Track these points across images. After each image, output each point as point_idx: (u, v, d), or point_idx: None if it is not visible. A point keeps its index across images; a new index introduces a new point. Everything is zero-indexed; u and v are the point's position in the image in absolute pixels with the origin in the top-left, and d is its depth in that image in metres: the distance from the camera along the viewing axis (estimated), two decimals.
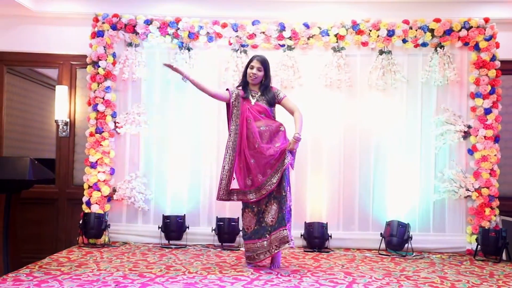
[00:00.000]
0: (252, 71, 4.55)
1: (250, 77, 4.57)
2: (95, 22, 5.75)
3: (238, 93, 4.62)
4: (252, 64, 4.56)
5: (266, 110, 4.56)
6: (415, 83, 5.77)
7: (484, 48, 5.54)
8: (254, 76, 4.55)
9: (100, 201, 5.58)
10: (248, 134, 4.49)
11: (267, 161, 4.42)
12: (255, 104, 4.55)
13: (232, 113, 4.59)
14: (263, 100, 4.58)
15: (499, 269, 4.70)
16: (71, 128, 6.14)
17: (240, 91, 4.63)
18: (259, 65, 4.54)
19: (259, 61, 4.55)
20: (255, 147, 4.45)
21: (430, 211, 5.69)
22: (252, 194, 4.48)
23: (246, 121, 4.50)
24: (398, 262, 4.92)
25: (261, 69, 4.55)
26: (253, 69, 4.55)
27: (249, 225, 4.54)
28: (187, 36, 5.73)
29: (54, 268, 4.25)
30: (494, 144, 5.53)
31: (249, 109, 4.52)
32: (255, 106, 4.55)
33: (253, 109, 4.53)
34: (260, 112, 4.55)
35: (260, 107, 4.55)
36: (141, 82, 5.84)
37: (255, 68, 4.54)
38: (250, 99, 4.58)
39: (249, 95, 4.59)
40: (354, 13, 5.81)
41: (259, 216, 4.48)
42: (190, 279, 3.97)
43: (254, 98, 4.58)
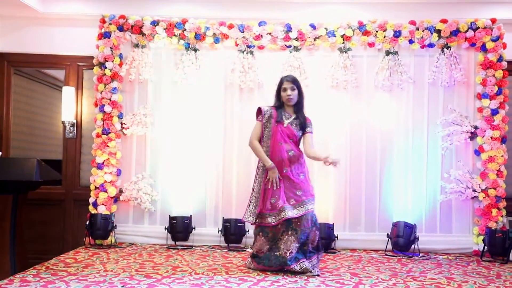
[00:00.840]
0: (287, 93, 4.44)
1: (287, 100, 4.46)
2: (101, 23, 5.77)
3: (271, 114, 4.49)
4: (284, 86, 4.46)
5: (295, 135, 4.46)
6: (421, 84, 5.75)
7: (491, 48, 5.52)
8: (290, 97, 4.44)
9: (106, 202, 5.59)
10: (279, 157, 4.38)
11: (293, 188, 4.35)
12: (287, 127, 4.44)
13: (264, 134, 4.49)
14: (296, 124, 4.47)
15: (506, 270, 4.68)
16: (77, 129, 6.16)
17: (273, 112, 4.49)
18: (291, 85, 4.44)
19: (290, 81, 4.46)
20: (283, 172, 4.37)
21: (436, 212, 5.67)
22: (272, 218, 4.33)
23: (277, 144, 4.40)
24: (404, 263, 4.91)
25: (294, 88, 4.45)
26: (286, 91, 4.45)
27: (260, 249, 4.41)
28: (194, 37, 5.74)
29: (61, 269, 4.26)
30: (501, 145, 5.51)
31: (281, 132, 4.42)
32: (286, 129, 4.43)
33: (284, 132, 4.43)
34: (290, 136, 4.44)
35: (290, 131, 4.44)
36: (148, 83, 5.86)
37: (289, 89, 4.44)
38: (284, 120, 4.46)
39: (282, 116, 4.47)
40: (360, 14, 5.80)
41: (272, 243, 4.36)
42: (196, 280, 3.98)
43: (288, 120, 4.47)
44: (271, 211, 4.34)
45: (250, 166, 5.75)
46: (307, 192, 4.36)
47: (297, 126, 4.47)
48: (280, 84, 4.51)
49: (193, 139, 5.84)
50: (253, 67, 5.76)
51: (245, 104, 5.83)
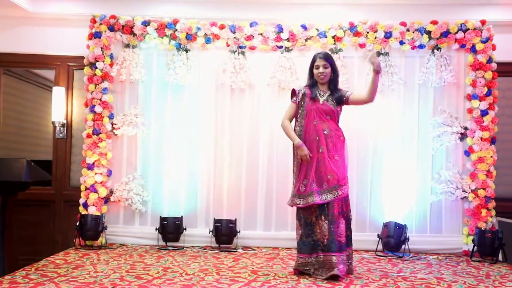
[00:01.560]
0: (319, 71, 4.30)
1: (319, 77, 4.31)
2: (92, 23, 5.75)
3: (304, 92, 4.36)
4: (317, 63, 4.31)
5: (333, 111, 4.30)
6: (412, 84, 5.78)
7: (481, 50, 5.56)
8: (323, 75, 4.29)
9: (97, 202, 5.57)
10: (313, 136, 4.24)
11: (326, 170, 4.19)
12: (323, 104, 4.29)
13: (298, 113, 4.36)
14: (332, 100, 4.32)
15: (495, 270, 4.71)
16: (68, 129, 6.13)
17: (307, 90, 4.36)
18: (324, 62, 4.29)
19: (323, 58, 4.30)
20: (319, 151, 4.22)
21: (427, 212, 5.69)
22: (300, 200, 4.24)
23: (312, 122, 4.26)
24: (395, 263, 4.93)
25: (327, 65, 4.29)
26: (319, 68, 4.30)
27: (297, 234, 4.32)
28: (185, 37, 5.73)
29: (51, 270, 4.24)
30: (491, 146, 5.54)
31: (316, 109, 4.28)
32: (322, 105, 4.29)
33: (320, 109, 4.28)
34: (327, 113, 4.28)
35: (327, 107, 4.29)
36: (139, 83, 5.84)
37: (321, 66, 4.29)
38: (319, 97, 4.32)
39: (317, 94, 4.33)
40: (351, 15, 5.82)
41: (307, 228, 4.22)
42: (187, 281, 3.97)
43: (323, 97, 4.33)
44: (301, 193, 4.23)
45: (241, 167, 5.77)
46: (339, 176, 4.20)
47: (333, 102, 4.31)
48: (313, 61, 4.35)
49: (184, 139, 5.83)
50: (244, 67, 5.76)
51: (236, 105, 5.83)
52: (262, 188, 5.77)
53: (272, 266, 4.65)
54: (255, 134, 5.82)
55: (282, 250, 5.47)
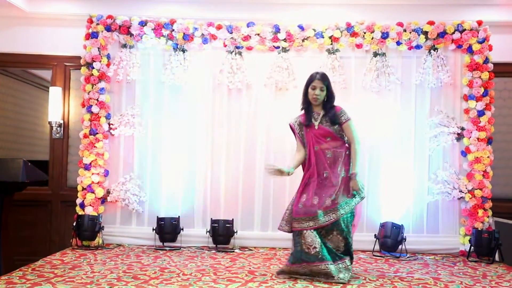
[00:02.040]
0: (314, 92, 4.22)
1: (313, 99, 4.24)
2: (89, 23, 5.74)
3: (300, 122, 4.35)
4: (314, 84, 4.22)
5: (330, 132, 4.23)
6: (409, 85, 5.79)
7: (477, 50, 5.57)
8: (317, 98, 4.22)
9: (94, 203, 5.56)
10: (317, 161, 4.20)
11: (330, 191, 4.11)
12: (319, 128, 4.25)
13: (303, 143, 4.35)
14: (326, 121, 4.25)
15: (492, 270, 4.72)
16: (64, 129, 6.12)
17: (301, 118, 4.35)
18: (321, 85, 4.21)
19: (321, 80, 4.22)
20: (323, 175, 4.18)
21: (423, 212, 5.70)
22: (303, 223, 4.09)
23: (312, 149, 4.23)
24: (392, 263, 4.93)
25: (323, 88, 4.22)
26: (315, 89, 4.22)
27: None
28: (182, 37, 5.73)
29: (48, 270, 4.23)
30: (487, 146, 5.55)
31: (314, 136, 4.24)
32: (318, 130, 4.24)
33: (317, 134, 4.24)
34: (325, 136, 4.23)
35: (323, 131, 4.24)
36: (136, 83, 5.83)
37: (318, 88, 4.21)
38: (313, 123, 4.27)
39: (311, 119, 4.29)
40: (348, 16, 5.82)
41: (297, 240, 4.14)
42: (184, 281, 3.96)
43: (317, 120, 4.27)
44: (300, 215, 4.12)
45: (238, 167, 5.77)
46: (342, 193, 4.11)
47: (328, 122, 4.25)
48: (310, 81, 4.27)
49: (181, 139, 5.82)
50: (241, 67, 5.76)
51: (233, 105, 5.83)
52: (259, 188, 5.77)
53: (269, 266, 4.65)
54: (252, 134, 5.82)
55: (279, 250, 5.47)
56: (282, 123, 5.66)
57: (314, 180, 4.19)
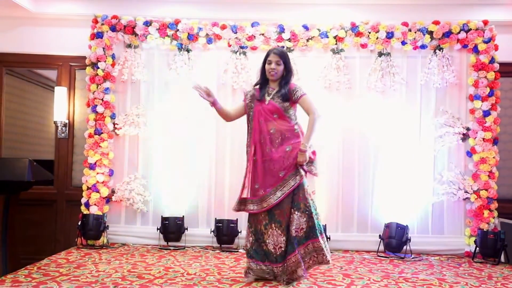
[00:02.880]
0: (270, 67, 4.05)
1: (269, 73, 4.07)
2: (94, 24, 5.75)
3: (253, 94, 4.18)
4: (270, 58, 4.07)
5: (279, 109, 4.03)
6: (414, 85, 5.77)
7: (483, 50, 5.55)
8: (274, 72, 4.05)
9: (98, 202, 5.58)
10: (260, 138, 4.03)
11: (276, 168, 3.94)
12: (269, 103, 4.05)
13: (249, 116, 4.18)
14: (278, 97, 4.06)
15: (497, 271, 4.70)
16: (70, 129, 6.14)
17: (256, 91, 4.19)
18: (277, 59, 4.04)
19: (277, 54, 4.06)
20: (266, 151, 4.00)
21: (428, 213, 5.69)
22: (254, 205, 4.00)
23: (257, 123, 4.05)
24: (396, 264, 4.92)
25: (279, 62, 4.05)
26: (271, 64, 4.05)
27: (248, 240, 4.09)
28: (186, 37, 5.73)
29: (53, 269, 4.24)
30: (493, 146, 5.53)
31: (262, 110, 4.06)
32: (268, 105, 4.05)
33: (265, 109, 4.05)
34: (272, 112, 4.04)
35: (272, 106, 4.04)
36: (140, 83, 5.84)
37: (273, 62, 4.05)
38: (265, 98, 4.09)
39: (265, 93, 4.11)
40: (353, 15, 5.81)
41: (257, 237, 4.02)
42: (188, 280, 3.97)
43: (270, 95, 4.08)
44: (253, 197, 4.01)
45: (242, 167, 5.73)
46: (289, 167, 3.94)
47: (279, 98, 4.05)
48: (267, 56, 4.12)
49: (186, 139, 5.83)
50: (245, 67, 5.76)
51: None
52: None
53: None
54: None
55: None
56: None
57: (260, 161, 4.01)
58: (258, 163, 4.01)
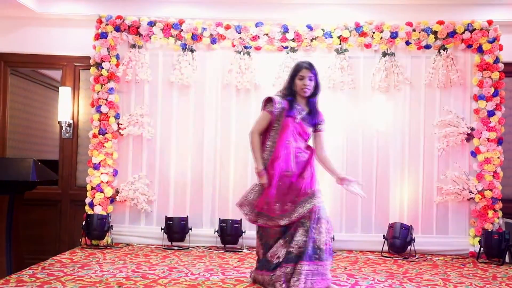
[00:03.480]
0: (303, 83, 3.78)
1: (301, 90, 3.79)
2: (98, 24, 5.76)
3: (283, 107, 3.80)
4: (302, 74, 3.78)
5: (307, 134, 3.88)
6: (418, 85, 5.76)
7: (488, 50, 5.54)
8: (307, 88, 3.79)
9: (103, 202, 5.59)
10: (283, 156, 3.77)
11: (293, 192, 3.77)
12: (299, 123, 3.82)
13: (273, 128, 3.83)
14: (307, 120, 3.86)
15: (502, 271, 4.69)
16: (74, 129, 6.15)
17: (285, 104, 3.81)
18: (310, 74, 3.78)
19: (309, 69, 3.79)
20: (286, 172, 3.77)
21: (433, 213, 5.68)
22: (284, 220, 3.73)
23: (285, 141, 3.77)
24: (400, 264, 4.91)
25: (312, 78, 3.80)
26: (303, 79, 3.78)
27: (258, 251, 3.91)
28: (191, 37, 5.74)
29: (57, 269, 4.26)
30: (497, 147, 5.52)
31: (293, 128, 3.80)
32: (298, 125, 3.81)
33: (296, 129, 3.81)
34: (301, 134, 3.84)
35: (302, 129, 3.83)
36: (144, 83, 5.85)
37: (306, 78, 3.78)
38: (296, 115, 3.82)
39: (294, 110, 3.82)
40: (357, 15, 5.80)
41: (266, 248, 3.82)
42: (192, 280, 3.98)
43: (300, 115, 3.83)
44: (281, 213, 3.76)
45: (246, 167, 5.77)
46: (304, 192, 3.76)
47: (308, 123, 3.87)
48: (297, 70, 3.82)
49: (190, 139, 5.84)
50: (250, 67, 5.76)
51: (241, 105, 5.84)
52: None
53: None
54: None
55: None
56: None
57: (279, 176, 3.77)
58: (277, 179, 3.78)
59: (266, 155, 3.85)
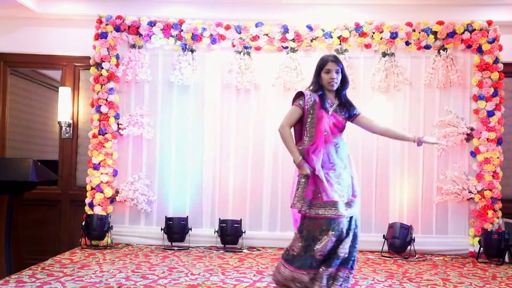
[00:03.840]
0: (330, 76, 3.64)
1: (329, 84, 3.65)
2: (98, 24, 5.76)
3: (314, 100, 3.67)
4: (328, 67, 3.65)
5: (343, 125, 3.75)
6: (418, 85, 5.77)
7: (487, 50, 5.54)
8: (335, 82, 3.65)
9: (102, 202, 5.59)
10: (325, 146, 3.61)
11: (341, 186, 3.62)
12: (332, 115, 3.68)
13: (307, 122, 3.69)
14: (341, 112, 3.74)
15: (501, 271, 4.70)
16: (74, 129, 6.15)
17: (316, 97, 3.68)
18: (336, 67, 3.64)
19: (336, 62, 3.66)
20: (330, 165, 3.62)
21: (432, 213, 5.68)
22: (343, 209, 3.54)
23: (322, 133, 3.61)
24: (400, 264, 4.92)
25: (338, 71, 3.67)
26: (329, 73, 3.64)
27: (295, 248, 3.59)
28: (191, 37, 5.74)
29: (57, 269, 4.26)
30: (497, 147, 5.52)
31: (328, 120, 3.66)
32: (332, 117, 3.68)
33: (331, 121, 3.67)
34: (336, 125, 3.70)
35: (337, 120, 3.70)
36: (144, 83, 5.85)
37: (333, 71, 3.64)
38: (328, 107, 3.69)
39: (325, 103, 3.69)
40: (357, 16, 5.81)
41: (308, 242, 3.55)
42: (192, 281, 3.98)
43: (332, 107, 3.72)
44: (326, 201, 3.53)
45: (246, 167, 5.78)
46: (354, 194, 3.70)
47: (343, 114, 3.75)
48: (323, 64, 3.69)
49: (190, 139, 5.84)
50: (250, 68, 5.76)
51: (241, 105, 5.84)
52: (267, 189, 5.78)
53: None
54: (261, 135, 5.82)
55: None
56: None
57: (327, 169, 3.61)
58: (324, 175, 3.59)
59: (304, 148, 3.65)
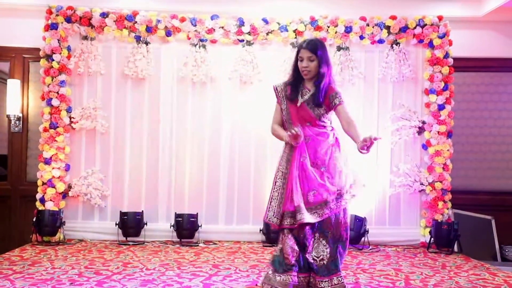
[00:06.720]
0: (302, 65, 3.45)
1: (302, 72, 3.48)
2: (48, 14, 5.59)
3: (285, 94, 3.57)
4: (301, 55, 3.45)
5: (311, 117, 3.50)
6: (372, 79, 5.86)
7: (438, 45, 5.67)
8: (307, 70, 3.45)
9: (54, 198, 5.44)
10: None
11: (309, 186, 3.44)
12: (300, 107, 3.50)
13: (284, 116, 3.59)
14: (312, 102, 3.49)
15: (451, 260, 4.84)
16: (23, 123, 5.97)
17: (288, 89, 3.56)
18: (309, 54, 3.41)
19: (309, 49, 3.41)
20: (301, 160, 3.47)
21: (386, 205, 5.79)
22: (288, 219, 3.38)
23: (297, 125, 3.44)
24: (354, 255, 5.00)
25: (313, 58, 3.42)
26: (302, 61, 3.45)
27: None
28: (145, 30, 5.65)
29: (6, 267, 4.13)
30: (447, 139, 5.67)
31: (296, 113, 3.52)
32: (300, 109, 3.50)
33: (299, 114, 3.51)
34: (305, 118, 3.51)
35: (305, 112, 3.50)
36: (97, 76, 5.73)
37: (305, 59, 3.43)
38: (299, 98, 3.51)
39: (297, 94, 3.52)
40: (312, 9, 5.84)
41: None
42: (147, 275, 3.94)
43: (303, 97, 3.52)
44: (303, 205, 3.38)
45: (202, 161, 5.75)
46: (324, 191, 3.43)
47: (313, 103, 3.48)
48: (297, 52, 3.51)
49: (145, 133, 5.76)
50: (205, 60, 5.71)
51: (197, 98, 5.80)
52: (223, 182, 5.76)
53: (233, 260, 4.65)
54: (217, 128, 5.79)
55: (243, 244, 5.47)
56: (246, 116, 5.69)
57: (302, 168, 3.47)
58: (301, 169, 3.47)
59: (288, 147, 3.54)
